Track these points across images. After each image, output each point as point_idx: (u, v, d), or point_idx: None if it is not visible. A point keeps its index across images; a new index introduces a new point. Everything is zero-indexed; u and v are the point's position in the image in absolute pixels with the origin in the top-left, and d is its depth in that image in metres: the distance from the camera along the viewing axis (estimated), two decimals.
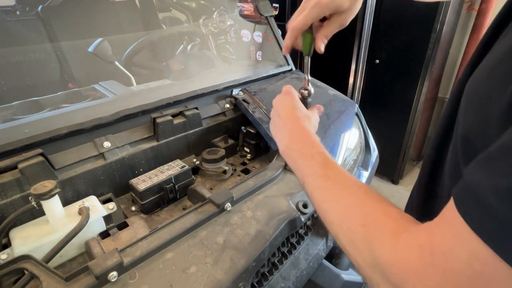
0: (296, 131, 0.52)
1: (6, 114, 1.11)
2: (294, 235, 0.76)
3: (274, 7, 2.30)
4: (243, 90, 1.08)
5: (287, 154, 0.51)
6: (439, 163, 0.42)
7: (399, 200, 2.26)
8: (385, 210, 0.35)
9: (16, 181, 0.63)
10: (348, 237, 0.36)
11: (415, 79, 1.97)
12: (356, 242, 0.35)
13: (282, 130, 0.53)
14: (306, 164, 0.46)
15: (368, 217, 0.35)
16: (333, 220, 0.39)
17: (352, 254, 0.36)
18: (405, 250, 0.29)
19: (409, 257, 0.29)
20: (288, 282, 0.69)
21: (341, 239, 0.37)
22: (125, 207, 0.78)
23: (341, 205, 0.39)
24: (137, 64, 1.69)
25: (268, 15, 1.32)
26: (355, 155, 1.12)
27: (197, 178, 0.90)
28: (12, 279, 0.56)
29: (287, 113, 0.54)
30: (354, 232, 0.35)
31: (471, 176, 0.25)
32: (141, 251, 0.55)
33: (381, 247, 0.32)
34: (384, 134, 2.12)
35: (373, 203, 0.37)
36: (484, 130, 0.28)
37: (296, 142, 0.50)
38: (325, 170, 0.44)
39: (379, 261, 0.31)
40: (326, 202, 0.41)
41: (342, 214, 0.38)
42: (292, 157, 0.49)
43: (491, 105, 0.27)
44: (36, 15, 1.51)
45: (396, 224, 0.33)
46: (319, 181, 0.43)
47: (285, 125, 0.53)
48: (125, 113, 0.83)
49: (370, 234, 0.33)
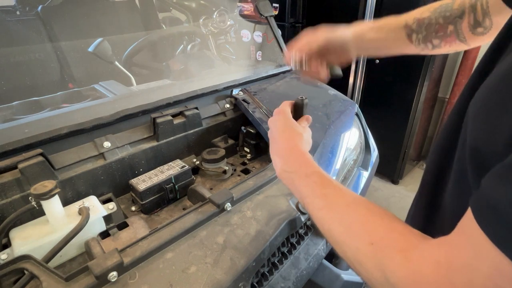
0: (290, 152, 0.51)
1: (6, 114, 1.11)
2: (294, 235, 0.76)
3: (274, 7, 2.30)
4: (243, 90, 1.08)
5: (284, 177, 0.50)
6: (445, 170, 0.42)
7: (399, 200, 2.26)
8: (391, 226, 0.35)
9: (16, 181, 0.63)
10: (356, 257, 0.36)
11: (415, 79, 1.97)
12: (366, 263, 0.34)
13: (276, 152, 0.53)
14: (303, 185, 0.46)
15: (375, 235, 0.35)
16: (339, 240, 0.38)
17: (362, 274, 0.35)
18: (418, 266, 0.29)
19: (424, 273, 0.28)
20: (288, 282, 0.69)
21: (349, 259, 0.37)
22: (125, 207, 0.78)
23: (345, 224, 0.38)
24: (137, 64, 1.69)
25: (268, 15, 1.32)
26: (355, 155, 1.12)
27: (197, 178, 0.90)
28: (12, 279, 0.56)
29: (279, 134, 0.54)
30: (362, 252, 0.35)
31: (489, 188, 0.25)
32: (141, 251, 0.55)
33: (392, 265, 0.31)
34: (384, 134, 2.12)
35: (377, 219, 0.36)
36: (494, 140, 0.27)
37: (290, 164, 0.49)
38: (323, 189, 0.43)
39: (391, 280, 0.31)
40: (329, 222, 0.40)
41: (347, 233, 0.37)
42: (289, 179, 0.49)
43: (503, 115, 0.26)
44: (36, 15, 1.51)
45: (405, 240, 0.32)
46: (319, 201, 0.43)
47: (278, 146, 0.53)
48: (125, 113, 0.83)
49: (379, 253, 0.33)
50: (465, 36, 0.54)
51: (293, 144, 0.52)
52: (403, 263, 0.30)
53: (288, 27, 2.36)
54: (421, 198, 0.47)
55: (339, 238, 0.38)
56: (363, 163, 1.16)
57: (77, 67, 1.51)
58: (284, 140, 0.53)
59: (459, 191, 0.37)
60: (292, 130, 0.54)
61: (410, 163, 2.43)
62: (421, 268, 0.29)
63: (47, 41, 1.49)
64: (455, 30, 0.54)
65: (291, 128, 0.54)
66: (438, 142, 0.44)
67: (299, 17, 2.36)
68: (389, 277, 0.31)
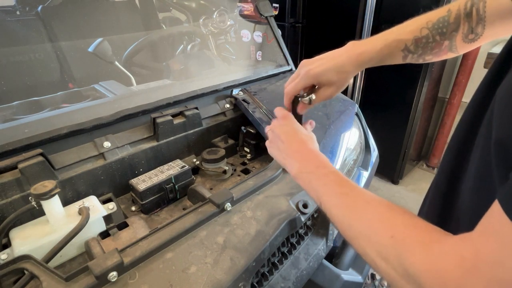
0: (306, 154, 0.54)
1: (6, 114, 1.11)
2: (294, 235, 0.76)
3: (274, 7, 2.30)
4: (243, 90, 1.08)
5: (301, 177, 0.52)
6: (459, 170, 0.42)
7: (399, 200, 2.26)
8: (411, 221, 0.35)
9: (16, 181, 0.63)
10: (376, 250, 0.36)
11: (415, 79, 1.97)
12: (386, 254, 0.35)
13: (290, 155, 0.55)
14: (321, 184, 0.47)
15: (395, 229, 0.35)
16: (359, 235, 0.39)
17: (381, 266, 0.35)
18: (441, 260, 0.29)
19: (448, 267, 0.28)
20: (288, 282, 0.69)
21: (369, 253, 0.37)
22: (125, 207, 0.78)
23: (365, 220, 0.39)
24: (137, 64, 1.69)
25: (268, 15, 1.32)
26: (355, 155, 1.12)
27: (197, 178, 0.90)
28: (12, 279, 0.56)
29: (291, 138, 0.56)
30: (383, 244, 0.35)
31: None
32: (141, 251, 0.55)
33: (413, 256, 0.31)
34: (384, 134, 2.12)
35: (398, 215, 0.37)
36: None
37: (308, 164, 0.52)
38: (342, 188, 0.45)
39: (411, 270, 0.31)
40: (347, 218, 0.41)
41: (368, 228, 0.38)
42: (306, 179, 0.51)
43: None
44: (36, 15, 1.51)
45: (427, 234, 0.33)
46: (338, 199, 0.44)
47: (292, 149, 0.55)
48: (125, 113, 0.83)
49: (400, 245, 0.33)
50: (457, 47, 0.55)
51: (307, 147, 0.54)
52: (424, 256, 0.31)
53: (288, 27, 2.36)
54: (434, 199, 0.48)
55: (359, 234, 0.39)
56: (363, 163, 1.16)
57: (77, 67, 1.51)
58: (298, 143, 0.55)
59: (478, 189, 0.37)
60: (303, 134, 0.57)
61: (410, 163, 2.43)
62: (444, 262, 0.29)
63: (47, 41, 1.49)
64: (450, 44, 0.54)
65: (301, 132, 0.57)
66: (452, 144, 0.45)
67: (299, 17, 2.36)
68: (408, 267, 0.31)
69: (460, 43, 0.54)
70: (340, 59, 0.57)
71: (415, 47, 0.56)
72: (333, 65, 0.57)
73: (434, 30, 0.55)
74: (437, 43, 0.55)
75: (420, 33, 0.55)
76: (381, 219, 0.38)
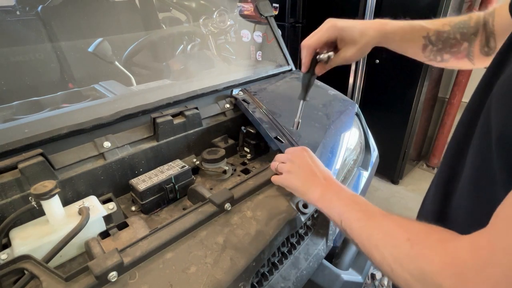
0: (328, 181, 0.60)
1: (6, 114, 1.11)
2: (294, 235, 0.76)
3: (274, 7, 2.30)
4: (243, 90, 1.08)
5: (323, 200, 0.57)
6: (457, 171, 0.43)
7: (399, 200, 2.26)
8: (426, 226, 0.37)
9: (16, 181, 0.63)
10: (393, 254, 0.37)
11: (415, 79, 1.97)
12: (402, 259, 0.36)
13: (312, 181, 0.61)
14: (342, 204, 0.52)
15: (411, 231, 0.37)
16: (378, 243, 0.41)
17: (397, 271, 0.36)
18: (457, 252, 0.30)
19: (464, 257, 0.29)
20: (288, 282, 0.69)
21: (387, 260, 0.38)
22: (125, 207, 0.78)
23: (384, 226, 0.42)
24: (137, 64, 1.69)
25: (268, 15, 1.32)
26: (355, 155, 1.12)
27: (197, 178, 0.90)
28: (12, 279, 0.56)
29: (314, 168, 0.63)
30: (399, 248, 0.37)
31: None
32: (141, 251, 0.55)
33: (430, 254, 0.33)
34: (384, 134, 2.12)
35: (414, 222, 0.39)
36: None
37: (330, 189, 0.58)
38: (361, 206, 0.49)
39: (427, 269, 0.32)
40: (367, 228, 0.44)
41: (385, 234, 0.40)
42: (328, 202, 0.56)
43: None
44: (36, 15, 1.51)
45: (441, 235, 0.34)
46: (358, 214, 0.48)
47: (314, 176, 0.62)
48: (125, 113, 0.83)
49: (416, 246, 0.35)
50: (473, 55, 0.57)
51: (327, 175, 0.62)
52: (440, 251, 0.32)
53: (288, 27, 2.37)
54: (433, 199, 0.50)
55: (378, 242, 0.41)
56: (363, 163, 1.16)
57: (77, 67, 1.51)
58: (320, 172, 0.62)
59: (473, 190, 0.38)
60: (321, 164, 0.65)
61: (410, 163, 2.43)
62: (460, 254, 0.30)
63: (47, 41, 1.49)
64: (468, 47, 0.57)
65: (320, 163, 0.66)
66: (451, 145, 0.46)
67: (299, 17, 2.36)
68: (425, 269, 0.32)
69: (477, 53, 0.56)
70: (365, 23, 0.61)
71: (436, 39, 0.59)
72: (359, 24, 0.60)
73: (456, 29, 0.57)
74: (457, 41, 0.57)
75: (443, 28, 0.58)
76: (398, 224, 0.40)
